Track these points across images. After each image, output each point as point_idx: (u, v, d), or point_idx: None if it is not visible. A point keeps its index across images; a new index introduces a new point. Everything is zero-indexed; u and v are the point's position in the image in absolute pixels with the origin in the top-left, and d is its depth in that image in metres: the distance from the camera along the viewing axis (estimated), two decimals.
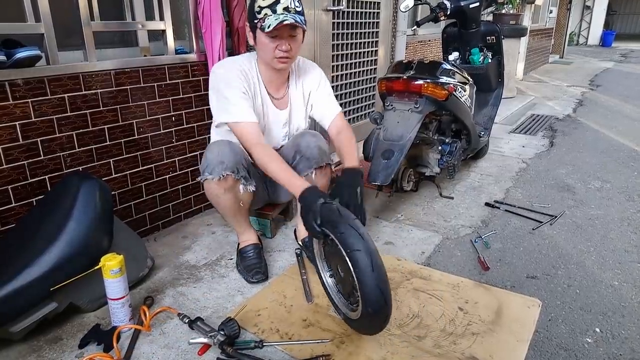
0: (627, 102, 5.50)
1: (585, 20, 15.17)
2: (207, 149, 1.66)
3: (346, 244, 1.27)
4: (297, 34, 1.60)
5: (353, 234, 1.28)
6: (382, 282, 1.25)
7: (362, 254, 1.25)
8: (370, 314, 1.28)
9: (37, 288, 1.38)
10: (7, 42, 1.58)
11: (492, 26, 3.01)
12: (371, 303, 1.26)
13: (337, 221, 1.31)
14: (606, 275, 1.86)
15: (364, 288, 1.25)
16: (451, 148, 2.53)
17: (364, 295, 1.26)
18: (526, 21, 6.65)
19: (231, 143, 1.65)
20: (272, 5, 1.52)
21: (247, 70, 1.69)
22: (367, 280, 1.24)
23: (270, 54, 1.60)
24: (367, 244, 1.27)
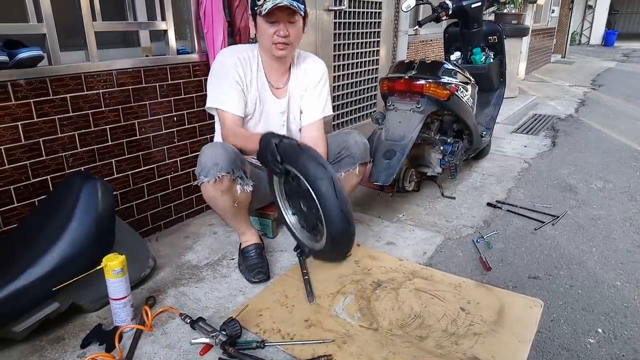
0: (630, 102, 5.48)
1: (587, 19, 15.13)
2: (200, 153, 1.65)
3: (308, 175, 1.34)
4: (296, 20, 1.63)
5: (314, 165, 1.35)
6: (345, 205, 1.33)
7: (324, 182, 1.32)
8: (335, 237, 1.36)
9: (40, 288, 1.39)
10: (9, 43, 1.58)
11: (494, 26, 3.01)
12: (336, 226, 1.33)
13: (298, 154, 1.39)
14: (608, 275, 1.86)
15: (329, 213, 1.32)
16: (453, 148, 2.53)
17: (328, 222, 1.33)
18: (528, 21, 6.64)
19: (224, 144, 1.66)
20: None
21: (248, 58, 1.73)
22: (331, 205, 1.31)
23: (268, 40, 1.64)
24: (328, 172, 1.35)
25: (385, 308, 1.60)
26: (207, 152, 1.62)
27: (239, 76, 1.70)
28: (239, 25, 2.19)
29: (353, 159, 1.85)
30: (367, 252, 1.99)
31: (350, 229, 1.35)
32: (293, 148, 1.41)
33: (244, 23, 2.21)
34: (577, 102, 5.54)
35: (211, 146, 1.65)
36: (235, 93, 1.69)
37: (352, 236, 1.38)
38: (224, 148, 1.63)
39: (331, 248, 1.41)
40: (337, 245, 1.39)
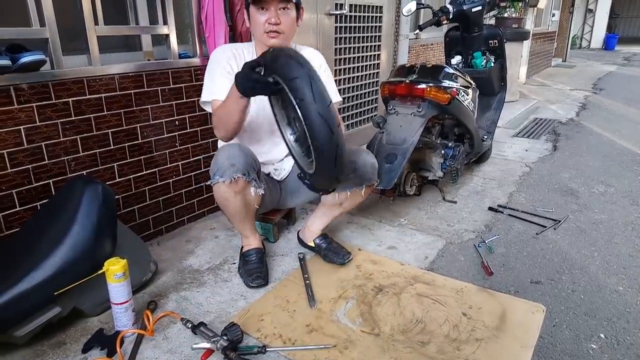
0: (631, 106, 5.48)
1: (587, 23, 15.16)
2: (217, 152, 1.64)
3: (285, 74, 1.18)
4: (289, 8, 1.61)
5: (292, 64, 1.18)
6: (323, 109, 1.14)
7: (300, 81, 1.15)
8: (317, 150, 1.18)
9: (42, 292, 1.39)
10: (12, 47, 1.59)
11: (494, 30, 3.02)
12: (316, 134, 1.15)
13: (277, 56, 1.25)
14: (611, 280, 1.85)
15: (306, 118, 1.14)
16: (454, 152, 2.53)
17: (308, 129, 1.15)
18: (529, 25, 6.66)
19: (241, 145, 1.65)
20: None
21: (242, 53, 1.72)
22: (308, 108, 1.14)
23: (260, 28, 1.61)
24: (306, 70, 1.17)
25: (386, 313, 1.60)
26: (224, 153, 1.61)
27: (231, 68, 1.67)
28: (240, 29, 2.20)
29: (360, 179, 1.80)
30: (368, 257, 1.98)
31: (331, 135, 1.15)
32: (272, 54, 1.29)
33: (245, 27, 2.21)
34: (578, 106, 5.55)
35: (228, 147, 1.63)
36: (227, 83, 1.60)
37: (335, 145, 1.17)
38: (241, 149, 1.62)
39: (317, 167, 1.24)
40: (322, 162, 1.20)
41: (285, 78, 1.18)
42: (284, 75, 1.18)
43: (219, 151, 1.64)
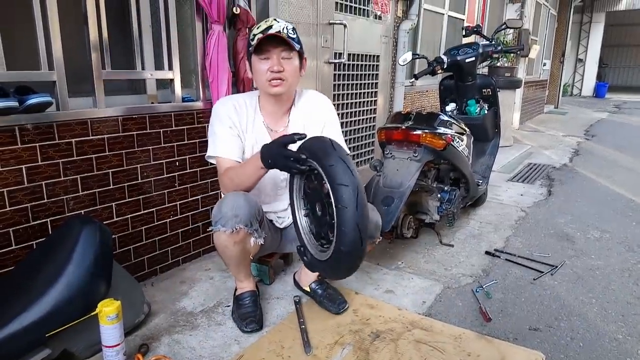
0: (623, 152, 5.59)
1: (578, 72, 15.68)
2: (221, 200, 1.62)
3: (334, 176, 1.22)
4: (292, 57, 1.60)
5: (342, 168, 1.23)
6: (362, 220, 1.21)
7: (348, 190, 1.21)
8: (342, 253, 1.23)
9: (33, 333, 1.36)
10: (20, 89, 1.64)
11: (487, 79, 3.12)
12: (346, 241, 1.20)
13: (329, 153, 1.28)
14: (609, 328, 1.83)
15: (343, 225, 1.20)
16: (450, 196, 2.55)
17: (340, 233, 1.20)
18: (521, 73, 6.89)
19: (246, 195, 1.62)
20: (264, 30, 1.56)
21: (244, 105, 1.71)
22: (348, 217, 1.19)
23: (263, 77, 1.60)
24: (355, 180, 1.22)
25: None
26: (229, 202, 1.58)
27: (232, 122, 1.67)
28: (243, 75, 2.28)
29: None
30: (365, 301, 1.96)
31: (360, 248, 1.21)
32: (323, 143, 1.34)
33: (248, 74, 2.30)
34: (571, 151, 5.65)
35: (233, 196, 1.59)
36: (230, 137, 1.66)
37: (359, 256, 1.24)
38: (247, 200, 1.59)
39: (334, 263, 1.28)
40: (341, 261, 1.26)
41: (332, 180, 1.24)
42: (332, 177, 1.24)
43: (225, 199, 1.61)
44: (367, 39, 3.53)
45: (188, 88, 2.29)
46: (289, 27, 1.58)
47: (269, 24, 1.57)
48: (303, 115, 1.77)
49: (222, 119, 1.67)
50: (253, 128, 1.72)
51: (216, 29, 2.11)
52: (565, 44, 10.42)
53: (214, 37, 2.11)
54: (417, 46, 4.59)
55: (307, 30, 2.87)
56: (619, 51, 18.03)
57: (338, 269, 1.31)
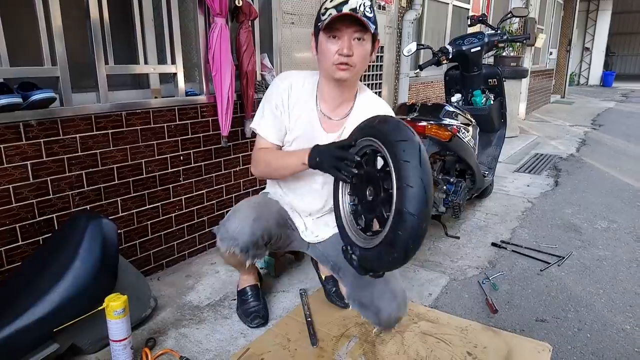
0: (630, 142, 5.53)
1: (585, 61, 15.50)
2: (232, 214, 1.53)
3: (391, 135, 1.12)
4: (365, 38, 1.38)
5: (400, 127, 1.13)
6: (426, 178, 1.08)
7: (409, 144, 1.10)
8: (404, 216, 1.06)
9: (41, 328, 1.37)
10: (24, 85, 1.64)
11: (493, 69, 3.09)
12: (411, 198, 1.05)
13: (380, 119, 1.19)
14: (617, 318, 1.82)
15: (406, 181, 1.06)
16: (456, 188, 2.54)
17: (403, 192, 1.06)
18: (527, 63, 6.82)
19: (259, 217, 1.50)
20: (338, 5, 1.34)
21: (301, 84, 1.53)
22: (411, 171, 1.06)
23: (329, 58, 1.39)
24: (415, 137, 1.12)
25: (390, 352, 1.57)
26: (235, 222, 1.49)
27: (282, 100, 1.51)
28: (245, 68, 2.27)
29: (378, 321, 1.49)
30: None
31: (426, 209, 1.06)
32: (371, 119, 1.26)
33: (251, 67, 2.29)
34: (578, 141, 5.60)
35: (242, 218, 1.49)
36: (273, 119, 1.53)
37: (424, 220, 1.08)
38: (253, 225, 1.47)
39: (393, 238, 1.10)
40: (404, 232, 1.08)
41: (389, 139, 1.13)
42: (389, 136, 1.13)
43: (234, 216, 1.51)
44: None
45: (191, 82, 2.28)
46: (366, 4, 1.36)
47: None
48: (365, 111, 1.51)
49: (273, 96, 1.53)
50: (303, 108, 1.53)
51: (218, 22, 2.09)
52: (572, 33, 10.29)
53: (216, 30, 2.09)
54: (421, 36, 4.55)
55: (310, 22, 2.84)
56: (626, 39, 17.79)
57: (397, 241, 1.10)
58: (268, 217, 1.55)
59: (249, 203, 1.59)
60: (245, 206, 1.55)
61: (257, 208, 1.55)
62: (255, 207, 1.55)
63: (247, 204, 1.58)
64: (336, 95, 1.51)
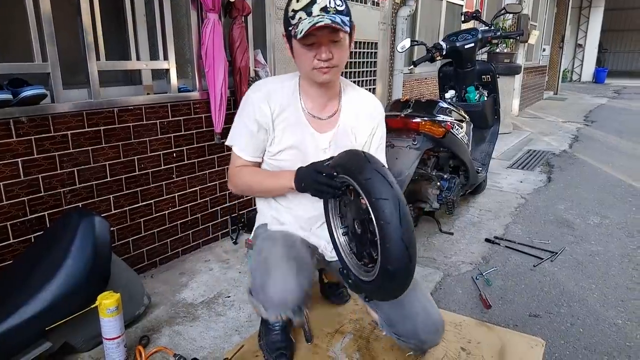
0: (622, 138, 5.57)
1: (577, 58, 15.58)
2: (266, 274, 1.28)
3: (371, 191, 1.12)
4: (341, 38, 1.29)
5: (380, 181, 1.13)
6: (407, 236, 1.09)
7: (388, 203, 1.10)
8: (388, 271, 1.11)
9: (32, 327, 1.36)
10: (14, 81, 1.62)
11: (487, 66, 3.09)
12: (393, 258, 1.08)
13: (363, 167, 1.17)
14: (609, 313, 1.84)
15: (387, 242, 1.09)
16: (450, 184, 2.54)
17: (385, 250, 1.10)
18: (520, 59, 6.83)
19: (300, 268, 1.29)
20: (307, 6, 1.23)
21: (279, 89, 1.41)
22: (392, 232, 1.08)
23: (308, 65, 1.31)
24: (395, 192, 1.12)
25: (384, 348, 1.57)
26: (278, 283, 1.25)
27: (260, 112, 1.37)
28: (239, 64, 2.25)
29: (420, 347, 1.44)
30: None
31: (409, 264, 1.10)
32: (356, 155, 1.23)
33: (244, 63, 2.27)
34: (571, 137, 5.63)
35: (281, 273, 1.27)
36: (250, 134, 1.39)
37: (409, 274, 1.13)
38: (298, 280, 1.26)
39: (381, 283, 1.16)
40: (390, 281, 1.14)
41: (370, 195, 1.13)
42: (370, 192, 1.13)
43: (270, 274, 1.27)
44: (364, 26, 3.49)
45: (184, 78, 2.27)
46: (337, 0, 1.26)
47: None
48: (355, 106, 1.48)
49: (250, 108, 1.39)
50: (289, 113, 1.41)
51: (211, 18, 2.07)
52: (565, 29, 10.34)
53: (209, 26, 2.08)
54: (415, 33, 4.55)
55: None
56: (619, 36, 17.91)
57: (386, 289, 1.18)
58: (304, 257, 1.36)
59: (277, 253, 1.32)
60: (277, 259, 1.30)
61: (289, 254, 1.32)
62: (288, 255, 1.32)
63: (275, 255, 1.32)
64: (321, 94, 1.42)
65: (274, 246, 1.35)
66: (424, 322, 1.37)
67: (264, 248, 1.36)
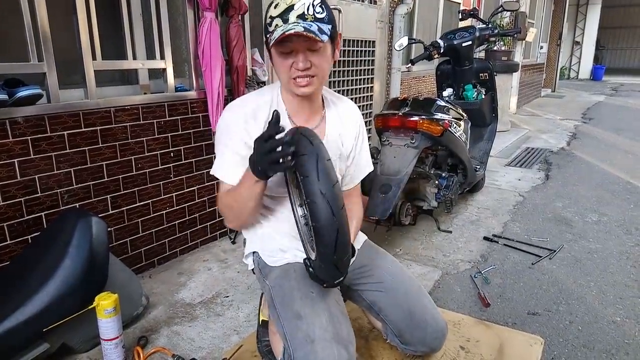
0: (620, 135, 5.58)
1: (575, 55, 15.59)
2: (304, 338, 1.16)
3: (296, 150, 1.07)
4: (320, 47, 1.19)
5: (302, 140, 1.09)
6: (326, 188, 1.05)
7: (307, 157, 1.07)
8: (317, 233, 1.06)
9: (30, 328, 1.35)
10: (9, 81, 1.61)
11: (484, 63, 3.09)
12: (316, 215, 1.04)
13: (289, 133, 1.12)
14: (608, 311, 1.84)
15: (308, 196, 1.05)
16: (448, 182, 2.54)
17: (310, 208, 1.05)
18: (518, 57, 6.84)
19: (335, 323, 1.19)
20: (283, 13, 1.15)
21: (259, 106, 1.31)
22: (310, 186, 1.05)
23: (286, 74, 1.23)
24: (315, 148, 1.08)
25: (383, 347, 1.57)
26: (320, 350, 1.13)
27: (249, 135, 1.25)
28: (236, 63, 2.24)
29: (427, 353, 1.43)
30: None
31: (332, 218, 1.05)
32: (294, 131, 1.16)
33: (242, 62, 2.27)
34: (569, 135, 5.63)
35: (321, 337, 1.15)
36: (234, 158, 1.28)
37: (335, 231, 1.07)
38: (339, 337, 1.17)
39: (317, 252, 1.11)
40: (321, 244, 1.08)
41: (295, 154, 1.07)
42: (296, 152, 1.07)
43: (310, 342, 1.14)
44: (362, 24, 3.48)
45: (181, 77, 2.26)
46: (315, 4, 1.17)
47: (290, 1, 1.17)
48: (339, 113, 1.42)
49: (233, 134, 1.28)
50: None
51: (208, 17, 2.07)
52: (562, 27, 10.34)
53: (206, 25, 2.07)
54: (413, 31, 4.54)
55: None
56: (616, 33, 17.90)
57: (322, 256, 1.11)
58: (336, 308, 1.26)
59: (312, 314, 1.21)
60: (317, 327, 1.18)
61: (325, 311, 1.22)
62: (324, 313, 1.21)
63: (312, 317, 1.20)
64: (303, 106, 1.34)
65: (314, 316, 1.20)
66: (433, 330, 1.37)
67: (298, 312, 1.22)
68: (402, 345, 1.43)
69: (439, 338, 1.41)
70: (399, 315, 1.38)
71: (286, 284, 1.30)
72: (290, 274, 1.32)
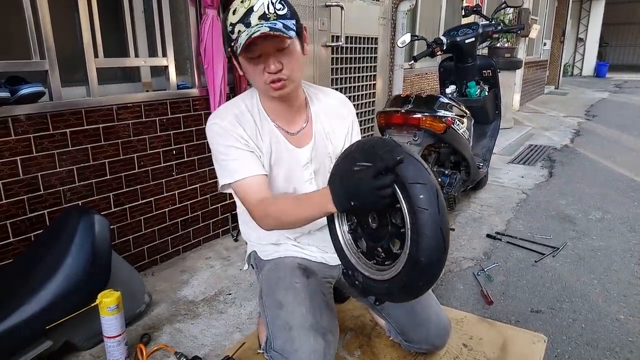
0: (624, 132, 5.55)
1: (578, 52, 15.51)
2: (285, 333, 1.16)
3: (406, 175, 1.00)
4: (288, 45, 1.15)
5: (415, 164, 1.01)
6: (445, 226, 1.00)
7: (425, 188, 0.99)
8: (420, 265, 1.00)
9: (33, 326, 1.36)
10: (12, 79, 1.61)
11: (487, 60, 3.08)
12: (428, 250, 0.98)
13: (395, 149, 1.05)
14: (611, 309, 1.83)
15: (423, 230, 0.98)
16: (451, 179, 2.54)
17: (419, 241, 0.99)
18: (521, 54, 6.80)
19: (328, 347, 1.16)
20: (244, 17, 1.11)
21: (245, 111, 1.28)
22: (429, 220, 0.98)
23: (259, 80, 1.19)
24: (432, 178, 1.01)
25: (386, 345, 1.57)
26: (303, 341, 1.13)
27: (240, 135, 1.24)
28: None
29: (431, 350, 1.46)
30: None
31: (444, 256, 1.01)
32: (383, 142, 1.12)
33: None
34: (572, 132, 5.61)
35: (309, 345, 1.13)
36: (245, 154, 1.24)
37: (441, 268, 1.03)
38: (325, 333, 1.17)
39: (407, 279, 1.05)
40: (419, 275, 1.03)
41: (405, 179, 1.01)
42: (405, 176, 1.01)
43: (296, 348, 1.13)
44: (364, 21, 3.46)
45: (183, 75, 2.25)
46: (274, 1, 1.13)
47: (249, 4, 1.11)
48: (325, 110, 1.38)
49: (229, 134, 1.24)
50: (264, 136, 1.28)
51: (210, 14, 2.06)
52: (566, 23, 10.28)
53: (208, 22, 2.06)
54: (415, 27, 4.52)
55: (303, 14, 2.81)
56: (620, 29, 17.81)
57: (411, 286, 1.06)
58: (319, 298, 1.26)
59: (293, 302, 1.22)
60: (302, 330, 1.16)
61: (314, 323, 1.18)
62: (313, 325, 1.18)
63: (297, 322, 1.18)
64: (285, 109, 1.30)
65: (295, 305, 1.21)
66: (436, 327, 1.38)
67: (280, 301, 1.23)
68: (405, 342, 1.44)
69: (442, 336, 1.42)
70: (402, 312, 1.39)
71: (274, 275, 1.33)
72: (280, 266, 1.35)
